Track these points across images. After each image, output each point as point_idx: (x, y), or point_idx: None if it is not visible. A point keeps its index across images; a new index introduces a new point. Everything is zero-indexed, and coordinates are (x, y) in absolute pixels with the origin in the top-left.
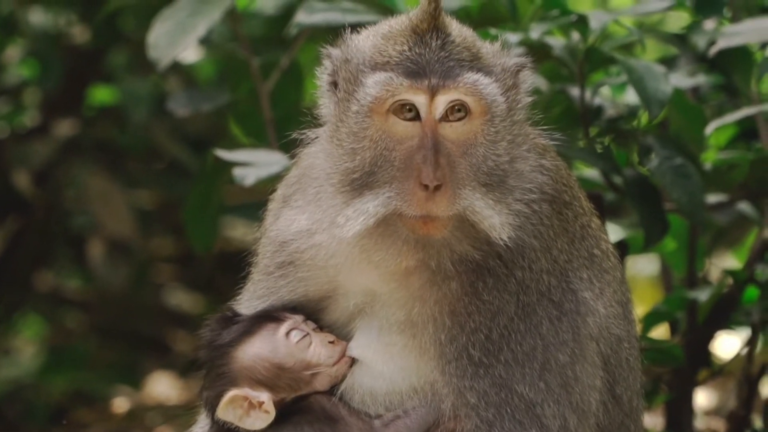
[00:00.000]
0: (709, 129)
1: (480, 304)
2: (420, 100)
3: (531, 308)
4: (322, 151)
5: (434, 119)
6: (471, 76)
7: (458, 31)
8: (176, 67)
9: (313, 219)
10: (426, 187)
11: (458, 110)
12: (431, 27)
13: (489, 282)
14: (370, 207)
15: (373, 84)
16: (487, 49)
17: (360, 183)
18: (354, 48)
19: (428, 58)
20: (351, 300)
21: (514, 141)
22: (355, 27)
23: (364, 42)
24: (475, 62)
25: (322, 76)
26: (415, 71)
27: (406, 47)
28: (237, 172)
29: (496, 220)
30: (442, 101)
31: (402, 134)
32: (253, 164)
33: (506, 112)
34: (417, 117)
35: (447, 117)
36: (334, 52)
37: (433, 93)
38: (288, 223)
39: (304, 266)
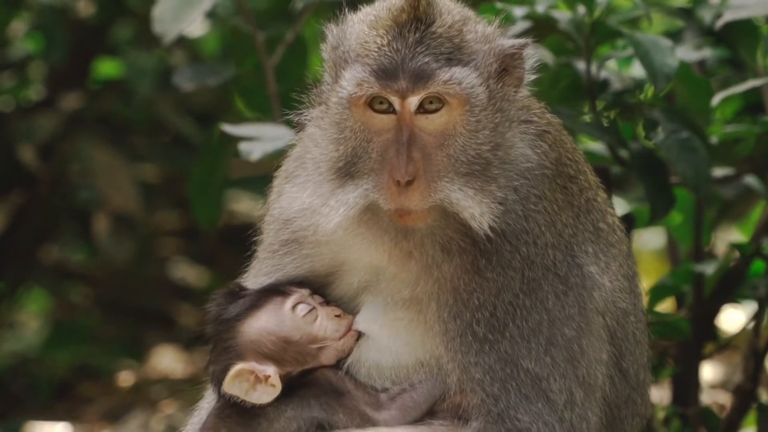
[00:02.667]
0: (715, 100)
1: (483, 282)
2: (393, 98)
3: (536, 283)
4: (315, 134)
5: (409, 112)
6: (445, 74)
7: (443, 17)
8: (181, 41)
9: (314, 197)
10: (398, 181)
11: (434, 102)
12: (411, 18)
13: (492, 259)
14: (350, 198)
15: (349, 79)
16: (474, 34)
17: (344, 172)
18: (343, 34)
19: (404, 55)
20: (356, 276)
21: (497, 128)
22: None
23: (352, 28)
24: (455, 53)
25: (324, 55)
26: (388, 71)
27: (385, 41)
28: (243, 146)
29: (476, 210)
30: (415, 99)
31: (379, 126)
32: (258, 138)
33: (487, 101)
34: (393, 109)
35: (423, 109)
36: (330, 34)
37: (404, 95)
38: (290, 200)
39: (307, 243)
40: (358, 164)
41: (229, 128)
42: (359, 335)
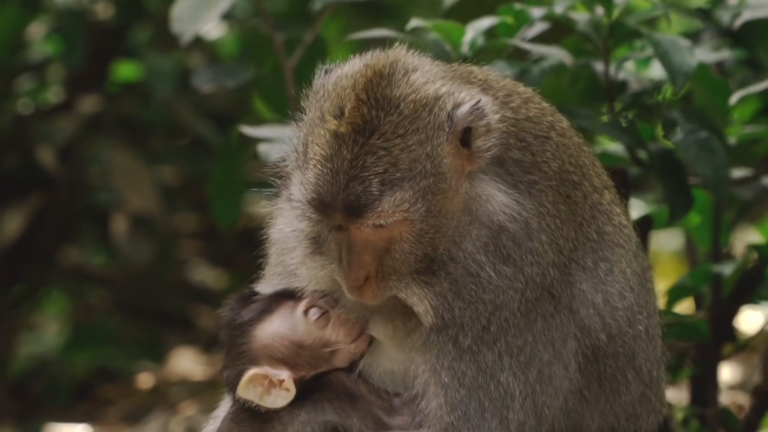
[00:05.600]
0: (734, 98)
1: (478, 302)
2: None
3: (533, 303)
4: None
5: (353, 229)
6: (377, 206)
7: (390, 117)
8: (199, 43)
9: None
10: None
11: None
12: (350, 132)
13: (492, 281)
14: (319, 275)
15: (295, 192)
16: (423, 131)
17: (313, 244)
18: (309, 111)
19: (338, 184)
20: None
21: (441, 229)
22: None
23: (315, 108)
24: (390, 171)
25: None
26: (324, 203)
27: (326, 153)
28: (262, 148)
29: (420, 307)
30: (353, 227)
31: (330, 226)
32: (277, 140)
33: (426, 212)
34: None
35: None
36: (316, 81)
37: (340, 227)
38: (286, 224)
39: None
40: (323, 246)
41: (247, 130)
42: (372, 339)
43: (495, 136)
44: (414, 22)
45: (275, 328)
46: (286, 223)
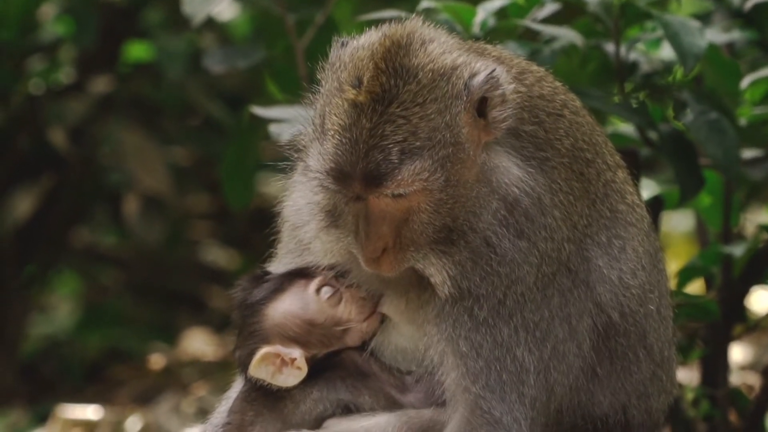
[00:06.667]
0: (745, 83)
1: (493, 275)
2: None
3: (549, 279)
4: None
5: (372, 199)
6: (397, 174)
7: (408, 86)
8: (211, 24)
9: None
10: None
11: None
12: (368, 101)
13: (507, 256)
14: (334, 248)
15: (313, 164)
16: (442, 100)
17: (329, 217)
18: (325, 83)
19: (357, 153)
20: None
21: (460, 199)
22: None
23: (331, 80)
24: (410, 140)
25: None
26: (343, 173)
27: (344, 123)
28: (273, 128)
29: (438, 278)
30: (372, 196)
31: (348, 197)
32: (288, 121)
33: (445, 182)
34: None
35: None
36: (332, 53)
37: (359, 197)
38: (300, 198)
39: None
40: (339, 219)
41: (259, 110)
42: (383, 317)
43: (510, 107)
44: (425, 3)
45: (287, 306)
46: (301, 197)
